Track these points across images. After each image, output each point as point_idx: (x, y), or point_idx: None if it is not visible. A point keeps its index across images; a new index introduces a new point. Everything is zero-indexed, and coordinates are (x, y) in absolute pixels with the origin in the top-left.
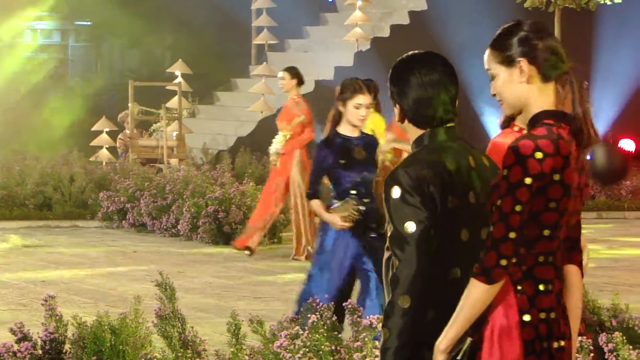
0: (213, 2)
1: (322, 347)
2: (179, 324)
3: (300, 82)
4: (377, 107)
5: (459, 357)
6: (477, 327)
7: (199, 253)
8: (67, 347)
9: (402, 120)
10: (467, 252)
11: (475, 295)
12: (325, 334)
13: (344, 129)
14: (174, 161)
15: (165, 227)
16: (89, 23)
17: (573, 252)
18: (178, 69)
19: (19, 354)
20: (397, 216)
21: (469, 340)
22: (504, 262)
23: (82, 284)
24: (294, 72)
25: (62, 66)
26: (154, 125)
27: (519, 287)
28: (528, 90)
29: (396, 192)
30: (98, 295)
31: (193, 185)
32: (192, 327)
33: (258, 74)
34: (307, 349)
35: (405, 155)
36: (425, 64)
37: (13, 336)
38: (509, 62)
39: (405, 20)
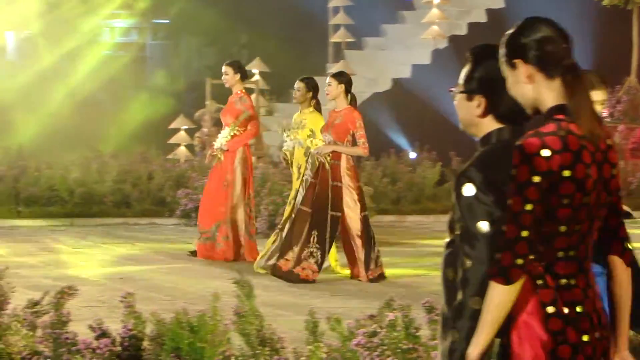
0: (290, 0)
1: (400, 345)
2: (257, 322)
3: (244, 76)
4: (317, 106)
5: None
6: (504, 328)
7: None
8: (145, 344)
9: (484, 115)
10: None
11: (496, 297)
12: (403, 332)
13: None
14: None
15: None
16: (166, 21)
17: (613, 242)
18: (255, 67)
19: (98, 351)
20: (470, 215)
21: (497, 341)
22: (520, 262)
23: (161, 282)
24: (237, 66)
25: (139, 64)
26: None
27: (540, 282)
28: (532, 89)
29: (469, 190)
30: (176, 292)
31: (270, 183)
32: (270, 325)
33: None
34: (385, 347)
35: (344, 157)
36: None
37: (92, 333)
38: (510, 63)
39: (482, 18)
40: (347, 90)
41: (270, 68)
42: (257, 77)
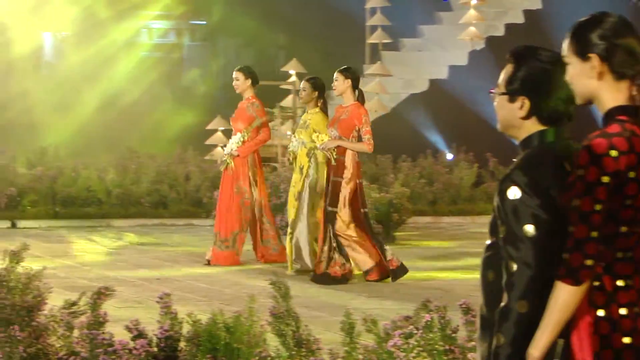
0: (327, 1)
1: (436, 346)
2: (293, 323)
3: (255, 81)
4: (323, 106)
5: None
6: (566, 328)
7: None
8: (182, 344)
9: (527, 117)
10: None
11: (564, 298)
12: (439, 333)
13: None
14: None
15: (279, 225)
16: (204, 22)
17: None
18: (292, 68)
19: (134, 351)
20: (515, 218)
21: (561, 342)
22: (589, 262)
23: (197, 282)
24: (248, 72)
25: (177, 65)
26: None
27: (597, 283)
28: (598, 86)
29: (514, 193)
30: (212, 293)
31: None
32: (306, 326)
33: (372, 73)
34: (421, 349)
35: (349, 153)
36: (562, 62)
37: (129, 333)
38: (582, 55)
39: (519, 19)
40: (354, 86)
41: (307, 69)
42: (293, 78)
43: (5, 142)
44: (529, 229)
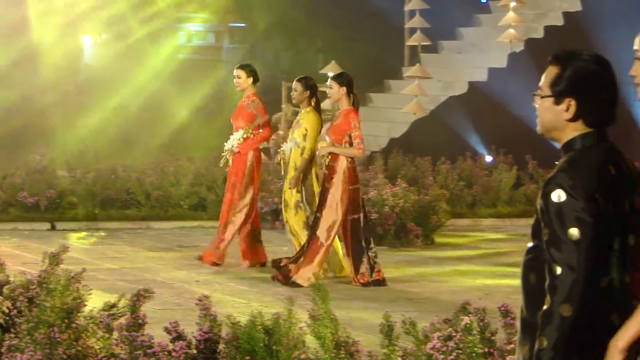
0: (366, 4)
1: (475, 349)
2: (332, 325)
3: (256, 80)
4: (316, 105)
5: None
6: None
7: None
8: (221, 346)
9: (573, 119)
10: (618, 260)
11: None
12: (478, 336)
13: None
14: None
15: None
16: (243, 25)
17: None
18: (331, 71)
19: (174, 353)
20: (560, 221)
21: None
22: None
23: (236, 284)
24: (249, 70)
25: (215, 67)
26: None
27: None
28: None
29: (559, 195)
30: (251, 295)
31: None
32: (345, 328)
33: (411, 76)
34: (460, 351)
35: (342, 160)
36: (608, 64)
37: (168, 335)
38: None
39: (559, 21)
40: (349, 91)
41: (346, 71)
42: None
43: (45, 145)
44: (574, 231)
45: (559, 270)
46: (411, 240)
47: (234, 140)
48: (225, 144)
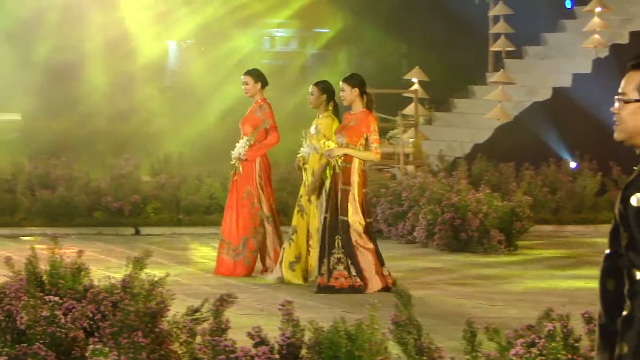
0: (450, 9)
1: (559, 355)
2: (415, 331)
3: (264, 84)
4: (334, 109)
5: None
6: None
7: (435, 260)
8: (303, 352)
9: None
10: None
11: None
12: (561, 343)
13: None
14: (410, 168)
15: (401, 233)
16: (327, 31)
17: None
18: (415, 76)
19: (256, 358)
20: (639, 225)
21: None
22: None
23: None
24: (256, 75)
25: (299, 73)
26: (390, 132)
27: None
28: None
29: (638, 199)
30: (334, 300)
31: (429, 192)
32: (428, 334)
33: (495, 81)
34: (544, 358)
35: (356, 161)
36: None
37: (251, 340)
38: None
39: None
40: (362, 92)
41: (430, 77)
42: (416, 87)
43: (130, 150)
44: None
45: (638, 275)
46: (494, 246)
47: (240, 147)
48: (232, 151)
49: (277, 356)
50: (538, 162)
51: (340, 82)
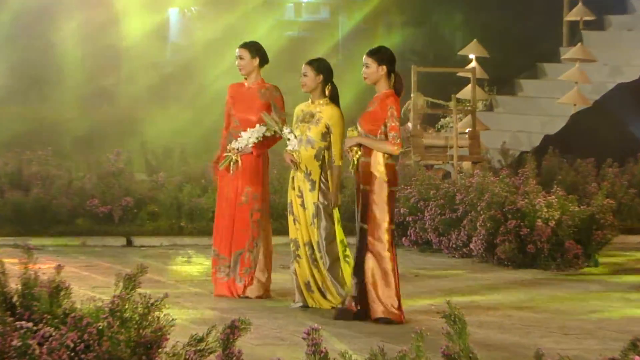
0: None
1: None
2: None
3: (265, 61)
4: (333, 92)
5: None
6: None
7: (496, 278)
8: None
9: None
10: None
11: None
12: None
13: None
14: (466, 164)
15: (454, 245)
16: None
17: None
18: (472, 52)
19: None
20: None
21: None
22: None
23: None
24: (255, 49)
25: (330, 48)
26: (441, 120)
27: None
28: None
29: None
30: (372, 328)
31: (489, 194)
32: None
33: (571, 58)
34: None
35: (376, 153)
36: None
37: None
38: None
39: None
40: (390, 71)
41: (490, 53)
42: (473, 64)
43: (120, 142)
44: None
45: None
46: (570, 261)
47: (250, 138)
48: (233, 142)
49: None
50: (623, 158)
51: (365, 57)
